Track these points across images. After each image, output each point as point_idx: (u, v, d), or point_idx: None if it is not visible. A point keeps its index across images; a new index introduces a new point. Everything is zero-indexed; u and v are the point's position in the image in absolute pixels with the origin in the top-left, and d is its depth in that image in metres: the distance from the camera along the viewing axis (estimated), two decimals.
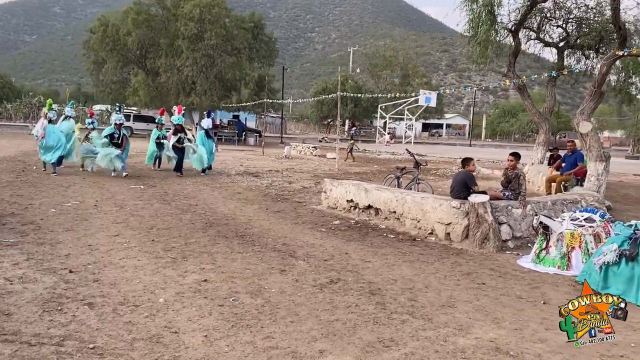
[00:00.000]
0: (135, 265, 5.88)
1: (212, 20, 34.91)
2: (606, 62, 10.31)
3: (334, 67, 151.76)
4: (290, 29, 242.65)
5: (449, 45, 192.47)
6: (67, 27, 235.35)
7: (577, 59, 17.04)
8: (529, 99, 15.87)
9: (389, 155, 29.20)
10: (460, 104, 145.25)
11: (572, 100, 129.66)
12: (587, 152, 10.42)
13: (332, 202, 10.49)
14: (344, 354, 3.86)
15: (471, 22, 14.51)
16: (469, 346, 4.09)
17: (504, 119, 73.11)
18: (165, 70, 35.95)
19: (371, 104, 54.51)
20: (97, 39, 37.78)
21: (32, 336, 3.85)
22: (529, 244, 7.81)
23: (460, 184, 8.14)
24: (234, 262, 6.22)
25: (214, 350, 3.81)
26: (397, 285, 5.61)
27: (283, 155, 25.76)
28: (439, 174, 18.78)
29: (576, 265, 6.39)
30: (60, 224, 7.78)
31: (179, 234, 7.59)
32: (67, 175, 13.68)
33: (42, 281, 5.11)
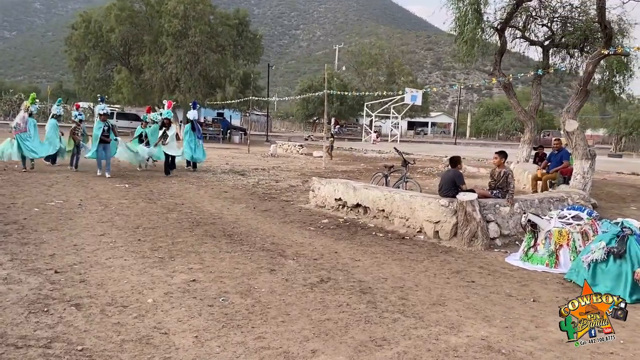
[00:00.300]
0: (122, 265, 5.79)
1: (197, 17, 34.71)
2: (592, 61, 10.41)
3: (319, 64, 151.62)
4: (274, 26, 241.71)
5: (434, 44, 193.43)
6: (47, 24, 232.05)
7: (561, 57, 17.21)
8: (514, 97, 15.99)
9: (376, 154, 29.24)
10: (445, 103, 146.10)
11: (555, 99, 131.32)
12: (573, 150, 10.51)
13: (320, 200, 10.45)
14: (337, 353, 3.83)
15: (458, 20, 14.57)
16: (461, 344, 4.09)
17: (488, 118, 73.65)
18: (149, 67, 35.65)
19: (357, 102, 54.59)
20: (79, 35, 37.35)
21: (18, 338, 3.76)
22: (517, 242, 7.86)
23: (449, 182, 8.16)
24: (223, 261, 6.16)
25: (205, 351, 3.76)
26: (387, 283, 5.60)
27: (269, 154, 25.66)
28: (425, 172, 18.84)
29: (564, 263, 6.43)
30: (44, 224, 7.64)
31: (166, 233, 7.50)
32: (50, 173, 13.48)
33: (27, 282, 5.01)
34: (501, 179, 8.53)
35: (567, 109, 10.85)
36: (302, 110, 61.29)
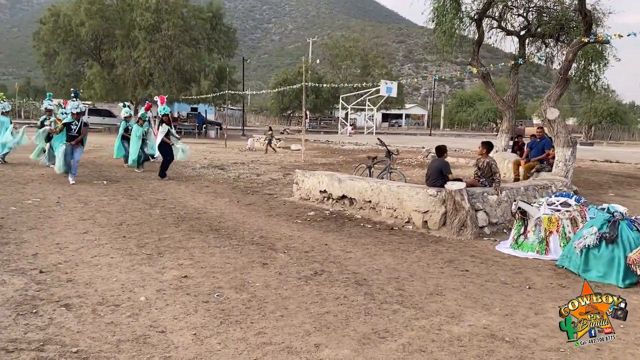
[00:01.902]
0: (109, 263, 5.61)
1: (169, 10, 34.10)
2: (572, 49, 10.50)
3: (291, 58, 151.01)
4: (246, 19, 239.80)
5: (405, 36, 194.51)
6: (12, 19, 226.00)
7: (537, 47, 17.37)
8: (492, 87, 16.09)
9: (353, 146, 29.22)
10: (418, 94, 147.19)
11: (525, 89, 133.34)
12: (555, 138, 10.61)
13: (304, 193, 10.35)
14: (341, 347, 3.75)
15: (436, 10, 14.56)
16: (464, 334, 4.05)
17: (461, 109, 74.32)
18: (121, 62, 34.92)
19: (332, 95, 54.50)
20: (48, 30, 36.34)
21: (9, 342, 3.58)
22: (505, 230, 7.90)
23: (436, 172, 8.15)
24: (213, 256, 6.02)
25: (205, 348, 3.64)
26: (382, 275, 5.54)
27: (246, 148, 25.43)
28: (405, 164, 18.87)
29: (554, 250, 6.47)
30: (23, 222, 7.38)
31: (151, 229, 7.32)
32: (24, 171, 13.07)
33: (11, 283, 4.80)
34: (485, 168, 8.56)
35: (547, 97, 10.94)
36: (277, 104, 60.93)
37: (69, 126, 11.48)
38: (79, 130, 11.55)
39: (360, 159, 17.79)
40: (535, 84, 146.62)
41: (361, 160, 15.67)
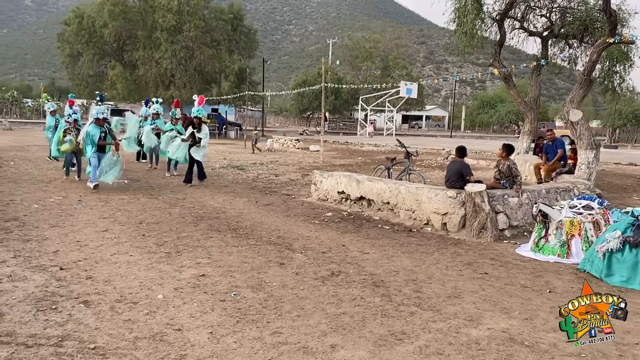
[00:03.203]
0: (128, 260, 5.66)
1: (191, 12, 34.43)
2: (596, 50, 10.30)
3: (311, 60, 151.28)
4: (267, 21, 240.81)
5: (427, 37, 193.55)
6: (38, 21, 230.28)
7: (560, 48, 17.10)
8: (514, 89, 15.88)
9: (372, 147, 29.10)
10: (438, 96, 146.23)
11: (548, 91, 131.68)
12: (578, 140, 10.42)
13: (322, 194, 10.33)
14: (357, 348, 3.72)
15: (457, 11, 14.43)
16: (483, 337, 3.99)
17: (482, 110, 73.56)
18: (143, 62, 35.36)
19: (351, 96, 54.36)
20: (72, 31, 36.97)
21: (28, 337, 3.63)
22: (525, 232, 7.79)
23: (456, 173, 8.06)
24: (230, 255, 6.04)
25: (221, 347, 3.65)
26: (399, 276, 5.50)
27: (266, 148, 25.50)
28: (424, 165, 18.74)
29: (576, 253, 6.35)
30: (45, 220, 7.49)
31: (170, 228, 7.37)
32: (47, 170, 13.28)
33: (32, 279, 4.87)
34: (505, 171, 8.45)
35: (570, 99, 10.75)
36: (296, 105, 60.98)
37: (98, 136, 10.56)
38: (106, 137, 10.73)
39: (379, 160, 17.72)
40: (558, 86, 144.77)
41: (380, 162, 15.61)
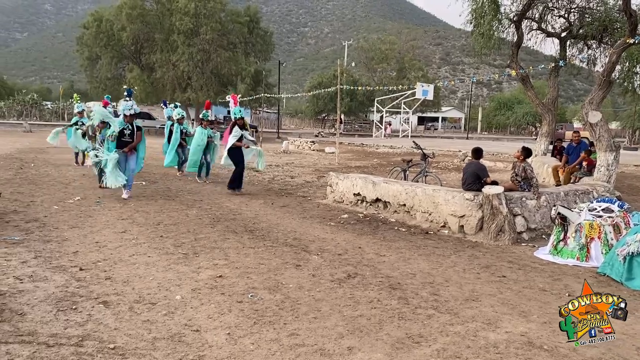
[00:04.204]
0: (146, 261, 5.71)
1: (208, 15, 34.68)
2: (616, 51, 10.17)
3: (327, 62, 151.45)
4: (283, 23, 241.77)
5: (442, 39, 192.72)
6: (57, 24, 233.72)
7: (579, 49, 16.89)
8: (532, 90, 15.71)
9: (388, 149, 29.03)
10: (455, 97, 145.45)
11: (566, 92, 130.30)
12: (597, 142, 10.29)
13: (338, 196, 10.33)
14: (374, 350, 3.71)
15: (474, 12, 14.34)
16: (501, 341, 3.96)
17: (499, 112, 72.97)
18: (160, 65, 35.69)
19: (367, 98, 54.32)
20: (91, 34, 37.45)
21: (49, 336, 3.68)
22: (544, 235, 7.71)
23: (472, 175, 8.01)
24: (247, 257, 6.07)
25: (239, 348, 3.66)
26: (416, 279, 5.47)
27: (281, 150, 25.57)
28: (441, 167, 18.65)
29: (596, 257, 6.28)
30: (64, 221, 7.59)
31: (187, 229, 7.42)
32: (67, 172, 13.46)
33: (52, 279, 4.94)
34: (521, 173, 8.38)
35: (589, 100, 10.62)
36: (311, 107, 61.07)
37: (122, 131, 9.73)
38: (132, 135, 9.84)
39: (395, 162, 17.67)
40: (576, 87, 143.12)
41: (396, 163, 15.56)
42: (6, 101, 54.35)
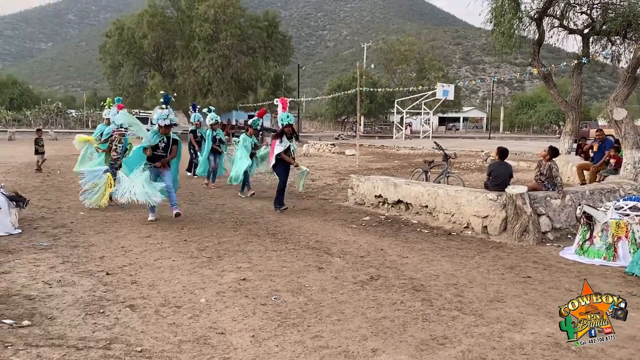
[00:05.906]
0: (171, 265, 5.79)
1: (227, 21, 34.98)
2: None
3: (346, 64, 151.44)
4: (301, 27, 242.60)
5: (462, 38, 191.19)
6: (81, 34, 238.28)
7: (602, 45, 16.63)
8: (554, 88, 15.53)
9: (409, 151, 28.91)
10: (476, 97, 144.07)
11: (589, 89, 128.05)
12: (622, 139, 10.12)
13: (359, 198, 10.33)
14: (398, 352, 3.71)
15: (494, 11, 14.23)
16: (527, 342, 3.92)
17: (522, 111, 72.10)
18: (181, 72, 36.11)
19: (387, 100, 54.13)
20: (113, 43, 38.09)
21: (78, 340, 3.75)
22: (569, 235, 7.60)
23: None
24: (270, 260, 6.10)
25: (263, 350, 3.69)
26: (439, 280, 5.44)
27: (302, 154, 25.64)
28: (463, 167, 18.50)
29: (623, 256, 6.16)
30: (90, 227, 7.73)
31: (211, 233, 7.50)
32: None
33: (80, 284, 5.04)
34: (547, 172, 8.26)
35: (614, 97, 10.45)
36: (331, 110, 61.06)
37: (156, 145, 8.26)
38: (166, 149, 8.32)
39: (416, 163, 17.58)
40: (600, 84, 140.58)
41: (417, 165, 15.48)
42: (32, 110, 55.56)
